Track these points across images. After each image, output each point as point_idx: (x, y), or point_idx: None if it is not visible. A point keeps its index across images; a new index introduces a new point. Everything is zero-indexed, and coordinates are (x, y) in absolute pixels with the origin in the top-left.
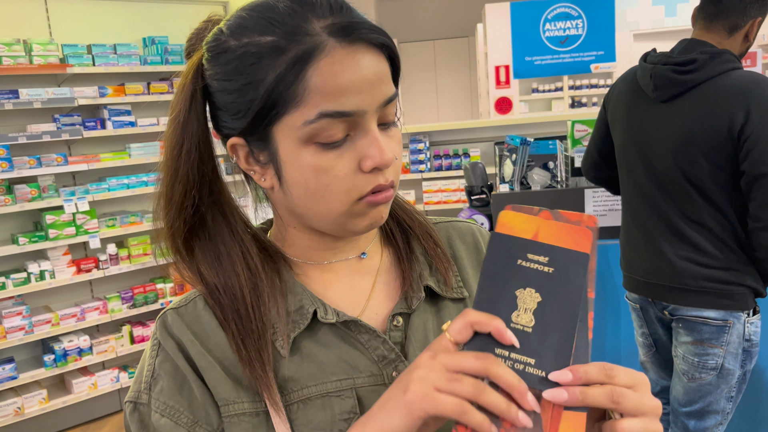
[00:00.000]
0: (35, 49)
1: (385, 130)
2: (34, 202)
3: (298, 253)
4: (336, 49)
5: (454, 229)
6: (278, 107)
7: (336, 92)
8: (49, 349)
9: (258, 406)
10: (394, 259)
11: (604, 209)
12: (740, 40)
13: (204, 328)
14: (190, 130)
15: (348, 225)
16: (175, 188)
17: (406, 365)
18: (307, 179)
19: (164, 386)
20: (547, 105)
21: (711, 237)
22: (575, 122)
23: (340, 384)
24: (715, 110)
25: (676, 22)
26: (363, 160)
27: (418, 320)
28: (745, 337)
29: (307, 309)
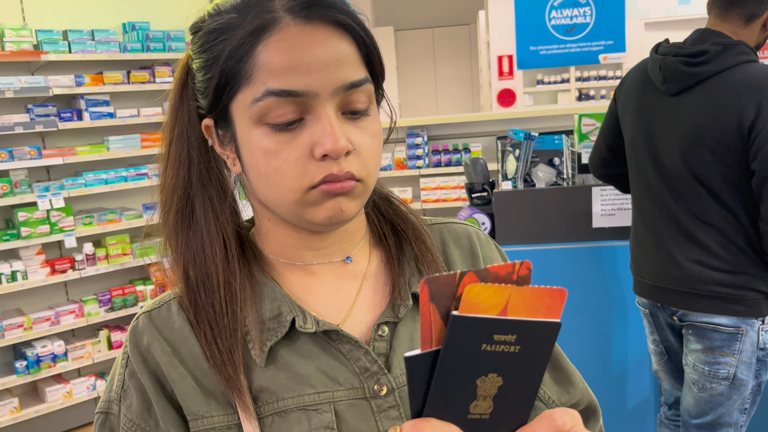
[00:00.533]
0: (7, 35)
1: (354, 119)
2: (6, 198)
3: (276, 250)
4: (290, 27)
5: (449, 231)
6: (231, 84)
7: (283, 70)
8: (21, 354)
9: (230, 418)
10: (383, 263)
11: (613, 208)
12: (758, 30)
13: (176, 335)
14: (182, 113)
15: (304, 215)
16: (168, 170)
17: (388, 378)
18: (258, 162)
19: (133, 402)
20: (553, 98)
21: (722, 239)
22: (582, 116)
23: (318, 397)
24: (724, 105)
25: (690, 10)
26: (314, 147)
27: (405, 330)
28: (759, 346)
29: (285, 317)
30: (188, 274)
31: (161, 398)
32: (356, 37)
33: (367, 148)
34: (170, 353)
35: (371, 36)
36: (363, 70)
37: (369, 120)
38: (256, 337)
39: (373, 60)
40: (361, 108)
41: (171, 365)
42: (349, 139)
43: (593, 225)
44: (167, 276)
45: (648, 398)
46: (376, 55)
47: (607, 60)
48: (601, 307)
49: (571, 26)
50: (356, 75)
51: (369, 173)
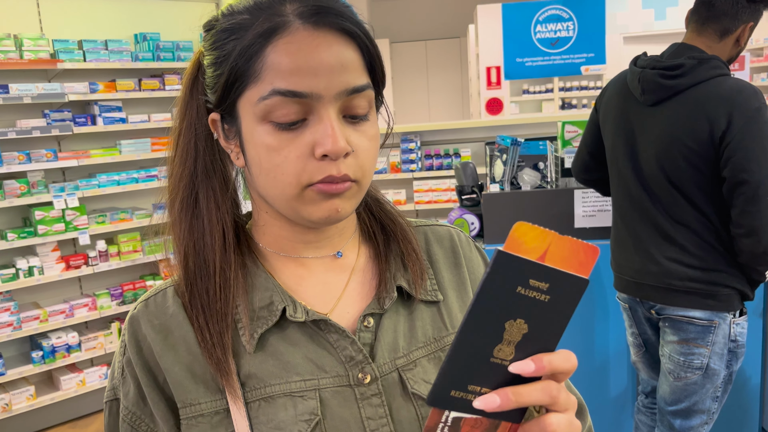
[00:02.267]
0: (26, 44)
1: (354, 123)
2: (23, 197)
3: (271, 242)
4: (299, 31)
5: (433, 232)
6: (239, 81)
7: (290, 71)
8: (37, 345)
9: (218, 404)
10: (370, 258)
11: (594, 210)
12: (731, 45)
13: (170, 320)
14: (192, 106)
15: (302, 212)
16: (176, 160)
17: (372, 367)
18: (260, 157)
19: (130, 391)
20: (538, 106)
21: (696, 239)
22: (565, 123)
23: (304, 384)
24: (698, 115)
25: (666, 25)
26: (315, 147)
27: (389, 321)
28: (731, 338)
29: (277, 306)
30: (188, 259)
31: (153, 389)
32: (361, 44)
33: (365, 151)
34: (163, 338)
35: (375, 45)
36: (365, 76)
37: (368, 124)
38: (247, 325)
39: (375, 67)
40: (361, 113)
41: (164, 350)
42: (348, 141)
43: (575, 225)
44: (171, 270)
45: (627, 388)
46: (379, 63)
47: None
48: (582, 302)
49: (555, 40)
50: (359, 80)
51: (364, 174)
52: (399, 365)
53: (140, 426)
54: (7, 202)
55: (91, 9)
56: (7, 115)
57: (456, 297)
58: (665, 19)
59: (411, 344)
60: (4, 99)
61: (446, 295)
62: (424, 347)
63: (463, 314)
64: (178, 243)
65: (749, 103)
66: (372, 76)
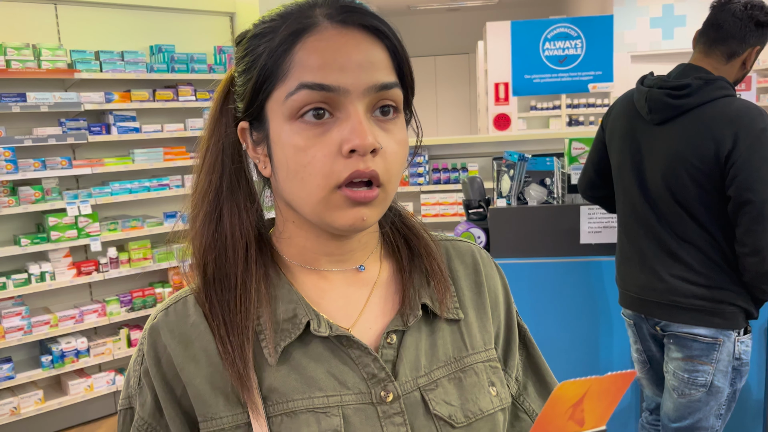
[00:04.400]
0: (44, 54)
1: (381, 122)
2: (38, 204)
3: (295, 254)
4: (327, 29)
5: (454, 248)
6: (268, 82)
7: (317, 66)
8: (47, 350)
9: (239, 417)
10: (392, 273)
11: (599, 226)
12: (737, 67)
13: (191, 330)
14: (221, 123)
15: (326, 217)
16: (202, 176)
17: (395, 386)
18: (288, 158)
19: (146, 401)
20: (545, 122)
21: (702, 257)
22: (572, 140)
23: (327, 400)
24: (704, 135)
25: (673, 45)
26: (343, 143)
27: (411, 339)
28: (735, 356)
29: (301, 319)
30: (207, 272)
31: (169, 403)
32: (389, 45)
33: (392, 153)
34: (184, 348)
35: (404, 48)
36: (394, 75)
37: (396, 126)
38: (270, 337)
39: (404, 70)
40: (389, 112)
41: (185, 361)
42: (375, 139)
43: (581, 241)
44: (186, 277)
45: (630, 404)
46: (407, 65)
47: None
48: (587, 317)
49: (563, 57)
50: (387, 78)
51: (391, 179)
52: (421, 384)
53: None
54: (22, 208)
55: (109, 20)
56: (24, 122)
57: (475, 317)
58: (673, 39)
59: (432, 363)
60: (22, 107)
61: (467, 313)
62: (445, 366)
63: (481, 335)
64: (198, 256)
65: (755, 123)
66: (400, 78)
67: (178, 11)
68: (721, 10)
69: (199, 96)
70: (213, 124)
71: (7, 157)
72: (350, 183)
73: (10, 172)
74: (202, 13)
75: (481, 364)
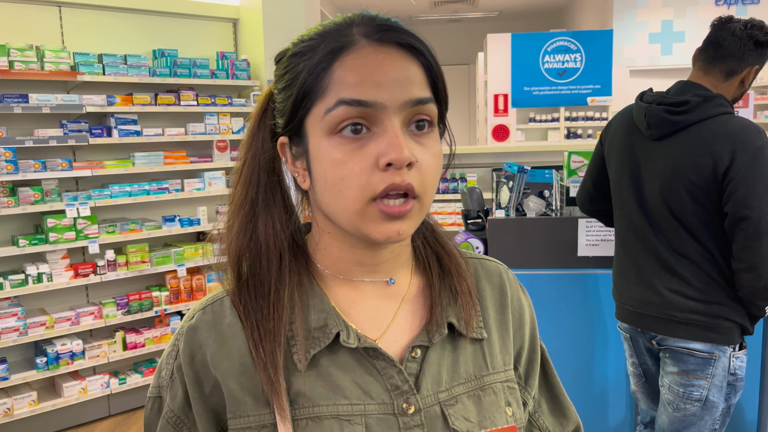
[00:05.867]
0: (47, 56)
1: (417, 136)
2: (37, 205)
3: (329, 264)
4: (365, 47)
5: (483, 267)
6: (307, 98)
7: (355, 83)
8: (42, 351)
9: (265, 418)
10: (421, 288)
11: (597, 239)
12: (736, 85)
13: (226, 330)
14: (258, 138)
15: (363, 229)
16: (238, 188)
17: (417, 399)
18: (326, 171)
19: (177, 395)
20: (543, 135)
21: (698, 272)
22: (572, 153)
23: (351, 408)
24: (702, 151)
25: (671, 60)
26: (379, 157)
27: (434, 355)
28: (730, 371)
29: (331, 329)
30: (241, 277)
31: (198, 401)
32: (424, 62)
33: (428, 166)
34: (219, 346)
35: (438, 64)
36: (429, 90)
37: (431, 140)
38: (301, 343)
39: (438, 86)
40: (425, 126)
41: (220, 358)
42: (411, 153)
43: (578, 254)
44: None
45: (625, 417)
46: (441, 81)
47: (594, 102)
48: (583, 330)
49: (562, 70)
50: (422, 93)
51: (426, 191)
52: (441, 399)
53: (182, 428)
54: (21, 209)
55: (112, 24)
56: (26, 124)
57: (498, 336)
58: (671, 55)
59: (453, 379)
60: (24, 108)
61: (490, 333)
62: (465, 384)
63: (502, 355)
64: (233, 262)
65: (752, 141)
66: (435, 94)
67: (182, 16)
68: (721, 29)
69: (200, 101)
70: (251, 138)
71: (8, 158)
72: (386, 195)
73: (10, 172)
74: (205, 19)
75: (500, 384)
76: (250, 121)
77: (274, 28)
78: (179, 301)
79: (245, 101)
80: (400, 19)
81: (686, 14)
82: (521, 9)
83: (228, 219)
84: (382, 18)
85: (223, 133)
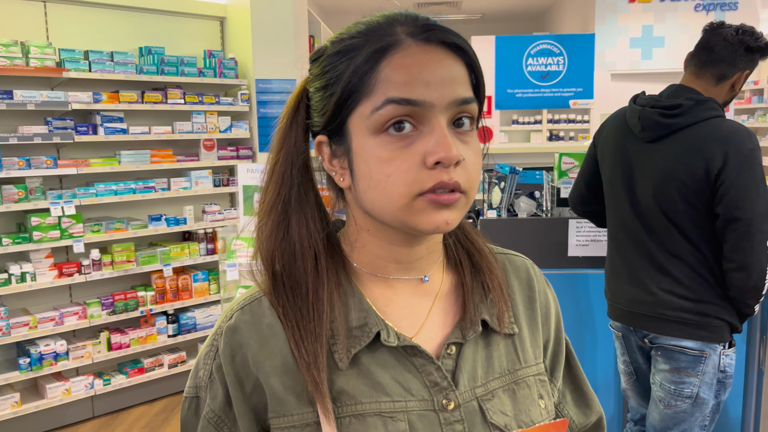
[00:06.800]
0: (32, 52)
1: (461, 134)
2: (21, 203)
3: (366, 262)
4: (411, 47)
5: (510, 262)
6: (352, 97)
7: (404, 82)
8: (25, 352)
9: (309, 416)
10: (454, 286)
11: (587, 239)
12: (726, 89)
13: (266, 330)
14: (290, 136)
15: (410, 222)
16: (270, 187)
17: (456, 394)
18: (371, 169)
19: (218, 395)
20: (526, 136)
21: (690, 271)
22: (563, 155)
23: (393, 405)
24: (695, 153)
25: (651, 65)
26: (427, 155)
27: (469, 351)
28: (720, 369)
29: (371, 328)
30: (276, 277)
31: (240, 401)
32: (467, 61)
33: (473, 163)
34: (260, 346)
35: (479, 64)
36: (471, 90)
37: (472, 137)
38: (342, 342)
39: (479, 85)
40: (468, 125)
41: (262, 358)
42: (459, 151)
43: (569, 254)
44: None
45: (615, 415)
46: (482, 81)
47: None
48: (573, 329)
49: (545, 73)
50: (467, 93)
51: (472, 186)
52: (478, 394)
53: (222, 428)
54: (5, 207)
55: (98, 20)
56: (10, 120)
57: (528, 331)
58: (651, 59)
59: (488, 374)
60: (8, 104)
61: (520, 327)
62: (500, 378)
63: (533, 349)
64: (267, 262)
65: (744, 144)
66: (475, 92)
67: (169, 14)
68: (713, 34)
69: (188, 99)
70: (283, 137)
71: None
72: (433, 191)
73: None
74: (192, 17)
75: (532, 377)
76: (281, 120)
77: (262, 27)
78: (165, 301)
79: (232, 100)
80: None
81: (666, 19)
82: (504, 12)
83: (259, 220)
84: (424, 17)
85: (210, 131)
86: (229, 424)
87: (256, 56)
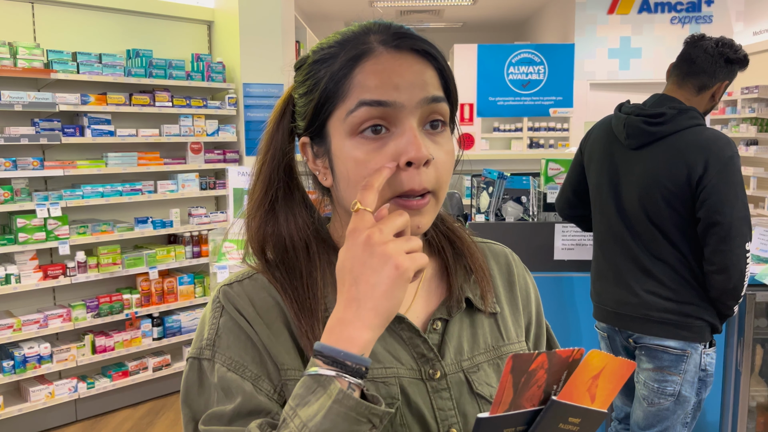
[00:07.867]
0: (20, 53)
1: (432, 135)
2: (6, 204)
3: None
4: (383, 54)
5: (490, 249)
6: (330, 102)
7: (375, 86)
8: (8, 354)
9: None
10: (437, 271)
11: (572, 243)
12: (707, 99)
13: (261, 303)
14: (276, 139)
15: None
16: (258, 186)
17: (442, 365)
18: (348, 170)
19: (230, 343)
20: (507, 144)
21: (673, 274)
22: (549, 161)
23: (385, 371)
24: (677, 160)
25: (629, 75)
26: (399, 156)
27: (455, 327)
28: (701, 367)
29: None
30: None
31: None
32: (437, 66)
33: (443, 163)
34: (257, 316)
35: (449, 68)
36: (442, 91)
37: (444, 138)
38: None
39: (450, 88)
40: (439, 124)
41: (258, 326)
42: (428, 151)
43: (555, 257)
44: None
45: None
46: (453, 83)
47: (556, 113)
48: (559, 330)
49: (526, 82)
50: (437, 92)
51: (441, 186)
52: (464, 367)
53: (245, 373)
54: None
55: (86, 22)
56: None
57: (509, 311)
58: (629, 70)
59: (474, 349)
60: None
61: (502, 308)
62: (485, 353)
63: (515, 328)
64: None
65: (724, 151)
66: (447, 95)
67: (156, 17)
68: (694, 46)
69: (175, 102)
70: (270, 140)
71: None
72: (405, 195)
73: None
74: (180, 20)
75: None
76: (269, 125)
77: (250, 31)
78: (150, 304)
79: (220, 103)
80: None
81: (643, 31)
82: (485, 21)
83: (247, 215)
84: (397, 26)
85: (198, 135)
86: (250, 366)
87: (243, 60)
